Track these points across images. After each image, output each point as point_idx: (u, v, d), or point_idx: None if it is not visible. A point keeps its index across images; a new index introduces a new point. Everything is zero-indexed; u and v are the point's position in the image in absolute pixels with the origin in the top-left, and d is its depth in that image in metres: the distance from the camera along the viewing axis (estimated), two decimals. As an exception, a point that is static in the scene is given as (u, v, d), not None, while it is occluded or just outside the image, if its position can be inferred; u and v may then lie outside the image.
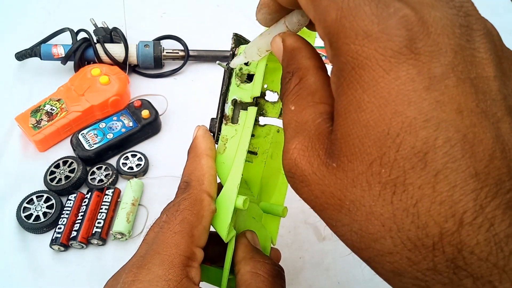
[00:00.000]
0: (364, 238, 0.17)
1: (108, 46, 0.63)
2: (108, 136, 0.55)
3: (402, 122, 0.16)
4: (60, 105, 0.57)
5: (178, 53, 0.66)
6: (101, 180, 0.53)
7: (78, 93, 0.58)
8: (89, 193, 0.51)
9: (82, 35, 0.64)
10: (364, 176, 0.17)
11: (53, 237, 0.47)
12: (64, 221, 0.48)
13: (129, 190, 0.51)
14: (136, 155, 0.55)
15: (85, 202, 0.50)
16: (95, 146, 0.54)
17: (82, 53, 0.62)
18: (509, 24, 0.71)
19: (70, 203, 0.50)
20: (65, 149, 0.56)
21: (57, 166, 0.53)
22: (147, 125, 0.57)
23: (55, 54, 0.62)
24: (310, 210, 0.20)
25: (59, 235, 0.47)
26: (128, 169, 0.54)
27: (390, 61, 0.16)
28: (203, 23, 0.73)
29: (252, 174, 0.34)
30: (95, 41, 0.63)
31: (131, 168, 0.54)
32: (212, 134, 0.29)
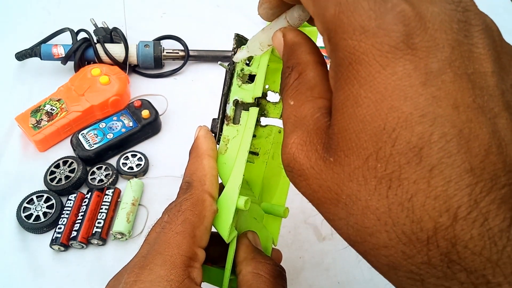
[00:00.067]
0: (360, 232, 0.17)
1: (108, 46, 0.63)
2: (108, 136, 0.55)
3: (398, 117, 0.16)
4: (60, 105, 0.57)
5: (178, 53, 0.66)
6: (101, 180, 0.53)
7: (78, 93, 0.58)
8: (89, 193, 0.51)
9: (82, 35, 0.64)
10: (360, 171, 0.17)
11: (53, 237, 0.47)
12: (64, 221, 0.48)
13: (129, 190, 0.51)
14: (136, 155, 0.55)
15: (85, 202, 0.50)
16: (95, 146, 0.54)
17: (82, 53, 0.62)
18: (509, 24, 0.71)
19: (70, 203, 0.50)
20: (65, 149, 0.56)
21: (57, 166, 0.53)
22: (147, 125, 0.57)
23: (55, 54, 0.62)
24: (310, 210, 0.20)
25: (59, 235, 0.47)
26: (128, 169, 0.54)
27: (387, 57, 0.16)
28: (203, 23, 0.73)
29: (254, 175, 0.34)
30: (95, 41, 0.63)
31: (131, 168, 0.54)
32: (214, 135, 0.29)
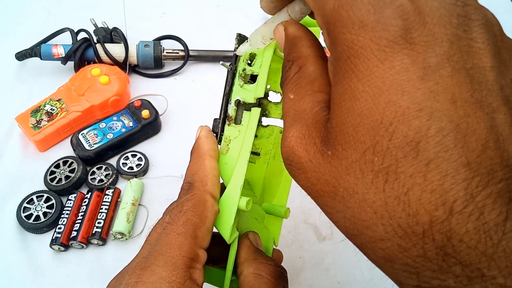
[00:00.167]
0: (357, 225, 0.17)
1: (108, 46, 0.63)
2: (108, 136, 0.55)
3: (396, 112, 0.16)
4: (60, 105, 0.57)
5: (178, 53, 0.66)
6: (101, 180, 0.53)
7: (78, 93, 0.58)
8: (89, 193, 0.50)
9: (82, 35, 0.63)
10: (358, 164, 0.17)
11: (53, 237, 0.47)
12: (64, 221, 0.48)
13: (129, 190, 0.51)
14: (136, 155, 0.55)
15: (85, 202, 0.50)
16: (95, 146, 0.54)
17: (82, 53, 0.62)
18: (509, 24, 0.71)
19: (70, 203, 0.50)
20: (65, 149, 0.56)
21: (57, 166, 0.53)
22: (147, 125, 0.57)
23: (55, 54, 0.62)
24: (310, 210, 0.20)
25: (59, 235, 0.47)
26: (128, 169, 0.54)
27: (385, 51, 0.16)
28: (203, 23, 0.73)
29: (255, 175, 0.34)
30: (95, 41, 0.63)
31: (131, 168, 0.54)
32: (215, 135, 0.29)
